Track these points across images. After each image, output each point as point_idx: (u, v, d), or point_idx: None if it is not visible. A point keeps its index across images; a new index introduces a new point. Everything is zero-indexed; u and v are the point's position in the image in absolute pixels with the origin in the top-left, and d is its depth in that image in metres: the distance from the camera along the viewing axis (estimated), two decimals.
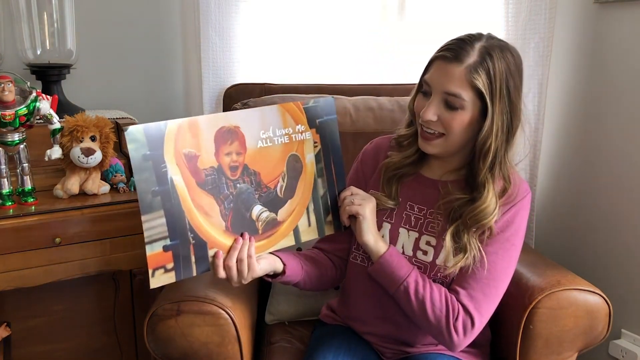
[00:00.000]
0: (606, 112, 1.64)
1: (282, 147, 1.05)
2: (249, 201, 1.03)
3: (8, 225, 1.25)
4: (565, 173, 1.79)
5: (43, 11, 1.58)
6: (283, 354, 1.30)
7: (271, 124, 1.04)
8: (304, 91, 1.67)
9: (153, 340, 1.15)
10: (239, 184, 1.02)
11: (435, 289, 1.08)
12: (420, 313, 1.07)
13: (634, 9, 1.53)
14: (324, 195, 1.11)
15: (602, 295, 1.20)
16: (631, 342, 1.59)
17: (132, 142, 0.93)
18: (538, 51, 1.59)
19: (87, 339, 1.53)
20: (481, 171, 1.07)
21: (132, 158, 0.93)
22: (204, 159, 0.98)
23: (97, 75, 1.77)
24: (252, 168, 1.03)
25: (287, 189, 1.07)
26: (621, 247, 1.61)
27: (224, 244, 1.01)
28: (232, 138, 1.00)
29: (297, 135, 1.06)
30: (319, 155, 1.09)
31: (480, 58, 1.02)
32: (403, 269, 1.09)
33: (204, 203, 0.99)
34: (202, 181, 0.99)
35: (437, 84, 1.04)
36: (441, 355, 1.17)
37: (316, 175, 1.09)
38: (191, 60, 1.85)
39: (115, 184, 1.44)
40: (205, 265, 1.01)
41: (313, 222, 1.10)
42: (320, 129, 1.09)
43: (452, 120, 1.04)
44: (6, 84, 1.25)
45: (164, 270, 0.98)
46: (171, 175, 0.96)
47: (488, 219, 1.06)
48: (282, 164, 1.06)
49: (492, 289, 1.08)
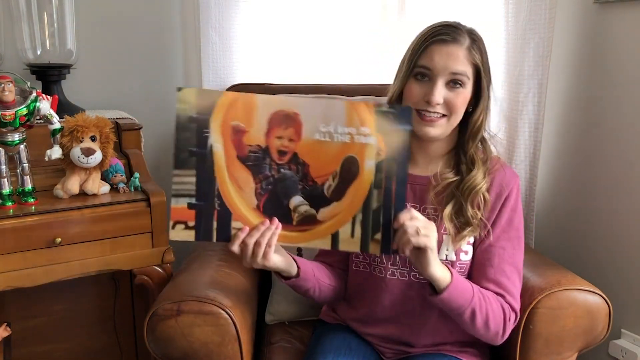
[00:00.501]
0: (606, 112, 1.64)
1: (341, 145, 0.99)
2: (291, 189, 0.99)
3: (8, 225, 1.25)
4: (565, 173, 1.79)
5: (43, 11, 1.58)
6: (283, 354, 1.30)
7: (334, 119, 0.98)
8: (304, 91, 1.67)
9: (153, 340, 1.15)
10: (283, 169, 0.99)
11: (492, 299, 1.11)
12: (483, 326, 1.10)
13: (634, 9, 1.53)
14: (377, 209, 1.01)
15: (602, 295, 1.20)
16: (631, 342, 1.59)
17: (182, 102, 0.94)
18: (538, 51, 1.59)
19: (87, 339, 1.53)
20: (471, 147, 1.14)
21: (177, 116, 0.94)
22: (251, 135, 0.97)
23: (97, 75, 1.77)
24: (302, 158, 0.99)
25: (336, 191, 1.00)
26: (621, 247, 1.61)
27: (250, 221, 1.00)
28: (287, 123, 0.97)
29: (360, 138, 0.99)
30: (381, 165, 1.00)
31: (471, 39, 1.10)
32: (467, 291, 1.08)
33: (239, 176, 0.98)
34: (244, 155, 0.98)
35: (441, 66, 1.07)
36: (441, 355, 1.18)
37: (373, 185, 1.00)
38: (191, 60, 1.85)
39: (115, 184, 1.44)
40: (226, 235, 1.00)
41: (357, 234, 1.02)
42: (388, 137, 0.99)
43: (455, 99, 1.09)
44: (6, 84, 1.25)
45: (185, 226, 0.98)
46: (212, 142, 0.96)
47: (480, 185, 1.12)
48: (336, 163, 0.99)
49: (517, 276, 1.16)
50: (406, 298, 1.17)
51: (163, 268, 1.41)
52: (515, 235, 1.17)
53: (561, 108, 1.76)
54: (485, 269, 1.14)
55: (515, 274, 1.16)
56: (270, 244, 1.00)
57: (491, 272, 1.14)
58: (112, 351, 1.56)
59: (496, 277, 1.14)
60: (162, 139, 1.87)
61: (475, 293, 1.09)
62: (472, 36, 1.11)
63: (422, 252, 1.01)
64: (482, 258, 1.15)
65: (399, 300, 1.17)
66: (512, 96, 1.67)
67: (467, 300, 1.07)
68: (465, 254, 1.15)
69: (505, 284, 1.14)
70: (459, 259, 1.15)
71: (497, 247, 1.15)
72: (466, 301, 1.07)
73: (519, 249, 1.17)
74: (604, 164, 1.66)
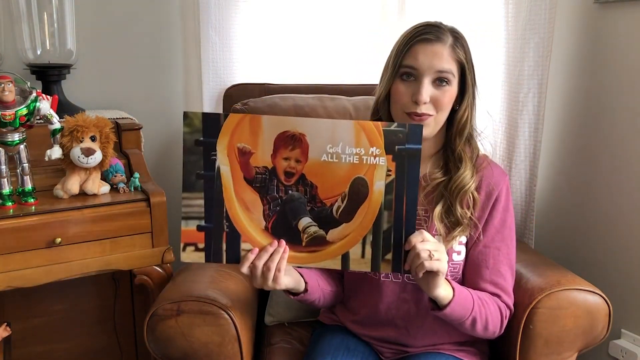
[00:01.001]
0: (606, 112, 1.64)
1: (349, 167, 0.96)
2: (298, 211, 0.98)
3: (8, 225, 1.25)
4: (565, 173, 1.79)
5: (43, 11, 1.58)
6: (283, 355, 1.30)
7: (342, 139, 0.96)
8: (304, 91, 1.67)
9: (153, 340, 1.15)
10: (291, 191, 0.98)
11: (490, 302, 1.12)
12: (482, 330, 1.11)
13: (634, 9, 1.53)
14: (388, 230, 0.99)
15: (602, 295, 1.20)
16: (631, 342, 1.59)
17: (188, 125, 0.95)
18: (538, 51, 1.59)
19: (87, 339, 1.53)
20: (458, 145, 1.14)
21: (184, 140, 0.95)
22: (258, 157, 0.97)
23: (97, 75, 1.77)
24: (309, 179, 0.98)
25: (345, 212, 0.98)
26: (621, 247, 1.61)
27: (259, 242, 0.99)
28: (294, 144, 0.96)
29: (369, 159, 0.96)
30: (391, 185, 0.97)
31: (454, 37, 1.11)
32: (468, 302, 1.08)
33: (247, 198, 0.98)
34: (251, 177, 0.97)
35: (427, 65, 1.08)
36: (441, 354, 1.18)
37: (383, 206, 0.98)
38: (191, 60, 1.85)
39: (115, 184, 1.44)
40: (236, 256, 1.00)
41: (368, 255, 1.00)
42: (398, 157, 0.96)
43: (442, 96, 1.09)
44: (6, 84, 1.25)
45: (195, 248, 0.99)
46: (219, 164, 0.96)
47: (469, 184, 1.13)
48: (345, 185, 0.97)
49: (511, 274, 1.17)
50: (401, 300, 1.17)
51: (163, 268, 1.41)
52: (508, 234, 1.17)
53: (561, 108, 1.76)
54: (481, 270, 1.15)
55: (509, 272, 1.17)
56: (280, 268, 0.99)
57: (487, 273, 1.15)
58: (112, 351, 1.56)
59: (492, 277, 1.15)
60: (162, 139, 1.87)
61: (475, 302, 1.09)
62: (455, 34, 1.12)
63: (433, 275, 1.00)
64: (478, 259, 1.15)
65: (395, 303, 1.17)
66: (512, 96, 1.67)
67: (467, 311, 1.08)
68: (457, 254, 1.16)
69: (501, 284, 1.15)
70: (452, 260, 1.15)
71: (492, 248, 1.15)
72: (467, 311, 1.08)
73: (513, 247, 1.18)
74: (603, 164, 1.66)
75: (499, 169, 1.21)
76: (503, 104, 1.72)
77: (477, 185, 1.15)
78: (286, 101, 1.60)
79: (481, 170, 1.17)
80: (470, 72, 1.13)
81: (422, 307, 1.15)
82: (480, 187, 1.16)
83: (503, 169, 1.23)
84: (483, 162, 1.18)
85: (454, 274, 1.16)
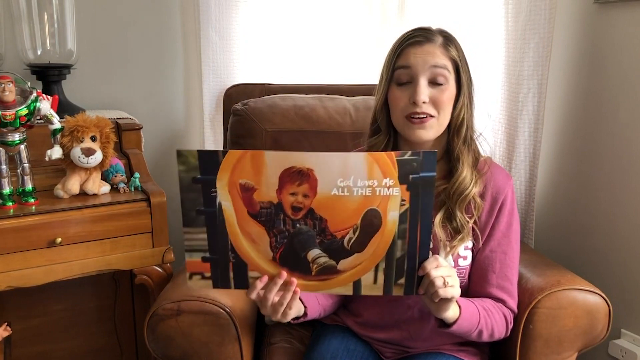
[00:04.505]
0: (606, 112, 1.64)
1: (361, 199, 0.91)
2: (307, 243, 0.94)
3: (8, 225, 1.25)
4: (565, 173, 1.79)
5: (43, 11, 1.58)
6: (283, 355, 1.30)
7: (353, 172, 0.90)
8: (304, 91, 1.67)
9: (153, 340, 1.15)
10: (298, 225, 0.93)
11: (495, 311, 1.12)
12: (488, 338, 1.12)
13: (634, 9, 1.53)
14: (401, 257, 0.95)
15: (601, 295, 1.20)
16: (631, 342, 1.59)
17: (183, 164, 0.89)
18: (538, 51, 1.59)
19: (87, 339, 1.53)
20: (456, 145, 1.13)
21: (180, 179, 0.90)
22: (262, 193, 0.91)
23: (97, 75, 1.77)
24: (318, 213, 0.92)
25: (357, 243, 0.94)
26: (621, 247, 1.61)
27: (267, 271, 0.96)
28: (301, 179, 0.90)
29: (383, 190, 0.91)
30: (405, 215, 0.93)
31: (444, 37, 1.11)
32: (474, 317, 1.08)
33: (252, 231, 0.93)
34: (256, 212, 0.92)
35: (421, 65, 1.08)
36: (441, 354, 1.18)
37: (396, 236, 0.94)
38: (191, 60, 1.85)
39: (115, 184, 1.44)
40: (244, 283, 0.97)
41: (380, 281, 0.96)
42: (412, 186, 0.91)
43: (440, 95, 1.08)
44: (7, 84, 1.25)
45: (201, 277, 0.96)
46: (220, 201, 0.91)
47: (469, 189, 1.12)
48: (357, 217, 0.92)
49: (515, 276, 1.18)
50: (404, 305, 1.17)
51: (163, 268, 1.41)
52: (514, 237, 1.17)
53: (561, 108, 1.76)
54: (488, 274, 1.15)
55: (515, 275, 1.17)
56: (291, 306, 0.98)
57: (494, 278, 1.15)
58: (112, 351, 1.56)
59: (499, 282, 1.15)
60: (162, 139, 1.88)
61: (481, 315, 1.09)
62: (445, 34, 1.12)
63: (445, 301, 0.99)
64: (484, 264, 1.15)
65: (398, 308, 1.17)
66: (512, 96, 1.67)
67: (474, 325, 1.08)
68: (464, 260, 1.15)
69: (507, 287, 1.15)
70: (457, 265, 1.14)
71: (499, 252, 1.15)
72: (473, 326, 1.08)
73: (518, 249, 1.18)
74: (603, 164, 1.66)
75: (503, 173, 1.20)
76: (503, 104, 1.72)
77: (482, 191, 1.15)
78: (286, 101, 1.60)
79: (484, 174, 1.16)
80: (464, 71, 1.12)
81: (426, 313, 1.14)
82: (485, 192, 1.15)
83: (507, 172, 1.22)
84: (484, 166, 1.17)
85: (460, 278, 1.14)
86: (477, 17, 1.74)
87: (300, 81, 1.78)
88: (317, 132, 1.56)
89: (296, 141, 1.54)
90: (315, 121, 1.57)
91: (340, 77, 1.82)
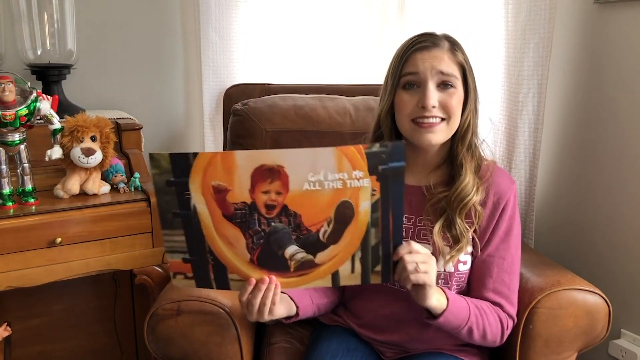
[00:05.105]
0: (606, 112, 1.64)
1: (333, 192, 0.93)
2: (283, 240, 0.96)
3: (8, 225, 1.25)
4: (565, 173, 1.79)
5: (43, 11, 1.58)
6: (283, 355, 1.29)
7: (323, 167, 0.92)
8: (304, 91, 1.67)
9: (153, 340, 1.15)
10: (273, 223, 0.95)
11: (489, 312, 1.11)
12: (480, 339, 1.11)
13: (634, 9, 1.53)
14: (376, 245, 0.98)
15: (601, 295, 1.20)
16: (631, 342, 1.59)
17: (156, 167, 0.90)
18: (538, 51, 1.59)
19: (87, 339, 1.54)
20: (460, 152, 1.12)
21: (154, 182, 0.91)
22: (235, 193, 0.92)
23: (97, 75, 1.77)
24: (292, 209, 0.94)
25: (332, 235, 0.96)
26: (621, 247, 1.61)
27: (246, 274, 0.98)
28: (272, 177, 0.92)
29: (353, 182, 0.93)
30: (376, 204, 0.95)
31: (450, 42, 1.11)
32: (464, 311, 1.08)
33: (228, 234, 0.95)
34: (230, 214, 0.94)
35: (429, 70, 1.07)
36: (441, 354, 1.18)
37: (369, 224, 0.96)
38: (191, 60, 1.85)
39: (115, 184, 1.44)
40: (224, 284, 0.99)
41: (357, 270, 0.99)
42: (382, 176, 0.93)
43: (449, 99, 1.08)
44: (7, 84, 1.25)
45: (184, 277, 0.98)
46: (194, 203, 0.93)
47: (470, 196, 1.10)
48: (330, 210, 0.94)
49: (515, 283, 1.17)
50: (405, 309, 1.16)
51: (163, 268, 1.41)
52: (514, 243, 1.15)
53: (561, 108, 1.76)
54: (485, 279, 1.14)
55: (514, 280, 1.16)
56: (275, 302, 0.99)
57: (490, 282, 1.14)
58: (112, 351, 1.56)
59: (495, 286, 1.14)
60: (162, 139, 1.88)
61: (471, 311, 1.08)
62: (450, 39, 1.12)
63: (421, 288, 1.00)
64: (482, 268, 1.15)
65: (399, 310, 1.17)
66: (512, 96, 1.67)
67: (463, 321, 1.07)
68: (463, 264, 1.15)
69: (504, 292, 1.14)
70: (457, 270, 1.14)
71: (497, 257, 1.14)
72: (463, 321, 1.07)
73: (518, 255, 1.16)
74: (603, 164, 1.66)
75: (506, 178, 1.18)
76: (503, 104, 1.72)
77: (483, 199, 1.13)
78: (286, 101, 1.60)
79: (487, 181, 1.14)
80: (471, 76, 1.12)
81: None
82: (487, 199, 1.13)
83: (510, 177, 1.21)
84: (487, 172, 1.15)
85: (459, 283, 1.15)
86: (477, 17, 1.74)
87: (300, 81, 1.78)
88: (317, 132, 1.56)
89: (296, 141, 1.54)
90: (315, 121, 1.57)
91: (340, 77, 1.82)
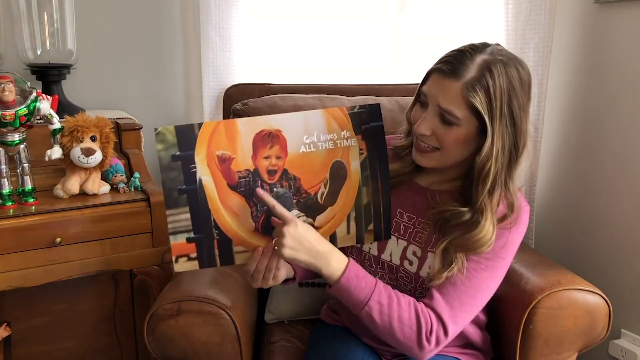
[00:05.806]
0: (606, 112, 1.64)
1: (326, 152, 1.00)
2: (285, 205, 0.99)
3: (8, 225, 1.25)
4: (565, 173, 1.79)
5: (43, 11, 1.58)
6: (283, 354, 1.30)
7: (315, 128, 1.00)
8: (304, 91, 1.67)
9: (153, 340, 1.15)
10: (275, 188, 0.99)
11: (404, 305, 1.01)
12: (387, 333, 1.01)
13: (634, 9, 1.53)
14: (368, 204, 1.04)
15: (601, 295, 1.20)
16: (631, 342, 1.59)
17: (161, 142, 0.93)
18: (538, 51, 1.59)
19: (87, 339, 1.53)
20: (480, 195, 1.01)
21: (160, 158, 0.94)
22: (239, 161, 0.97)
23: (97, 75, 1.77)
24: (292, 173, 1.00)
25: (329, 196, 1.02)
26: (621, 247, 1.61)
27: (251, 244, 1.01)
28: (272, 142, 0.98)
29: (342, 142, 1.01)
30: (365, 162, 1.03)
31: (479, 74, 0.97)
32: (361, 290, 1.00)
33: (233, 204, 0.98)
34: (235, 183, 0.97)
35: (432, 97, 1.01)
36: (442, 356, 1.17)
37: (361, 183, 1.03)
38: (191, 60, 1.85)
39: (115, 184, 1.44)
40: (230, 259, 1.01)
41: (353, 230, 1.05)
42: (366, 135, 1.02)
43: (446, 135, 1.01)
44: (6, 84, 1.25)
45: (187, 259, 0.99)
46: (200, 176, 0.96)
47: (482, 248, 1.01)
48: (325, 171, 1.01)
49: (470, 298, 1.03)
50: None
51: (163, 268, 1.41)
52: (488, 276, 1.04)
53: (561, 108, 1.76)
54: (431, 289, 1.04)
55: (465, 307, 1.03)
56: (279, 267, 1.00)
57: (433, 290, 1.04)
58: (112, 351, 1.56)
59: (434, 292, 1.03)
60: None
61: (374, 296, 0.99)
62: (485, 70, 0.97)
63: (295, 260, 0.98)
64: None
65: None
66: None
67: (359, 299, 1.00)
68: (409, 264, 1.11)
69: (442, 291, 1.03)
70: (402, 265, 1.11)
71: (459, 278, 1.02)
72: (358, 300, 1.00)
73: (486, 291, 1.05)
74: (604, 164, 1.66)
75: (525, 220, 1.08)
76: None
77: None
78: (286, 101, 1.60)
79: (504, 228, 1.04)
80: (496, 121, 0.97)
81: None
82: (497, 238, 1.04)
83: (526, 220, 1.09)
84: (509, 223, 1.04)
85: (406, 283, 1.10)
86: (477, 17, 1.74)
87: (300, 81, 1.78)
88: None
89: None
90: None
91: (340, 77, 1.82)
